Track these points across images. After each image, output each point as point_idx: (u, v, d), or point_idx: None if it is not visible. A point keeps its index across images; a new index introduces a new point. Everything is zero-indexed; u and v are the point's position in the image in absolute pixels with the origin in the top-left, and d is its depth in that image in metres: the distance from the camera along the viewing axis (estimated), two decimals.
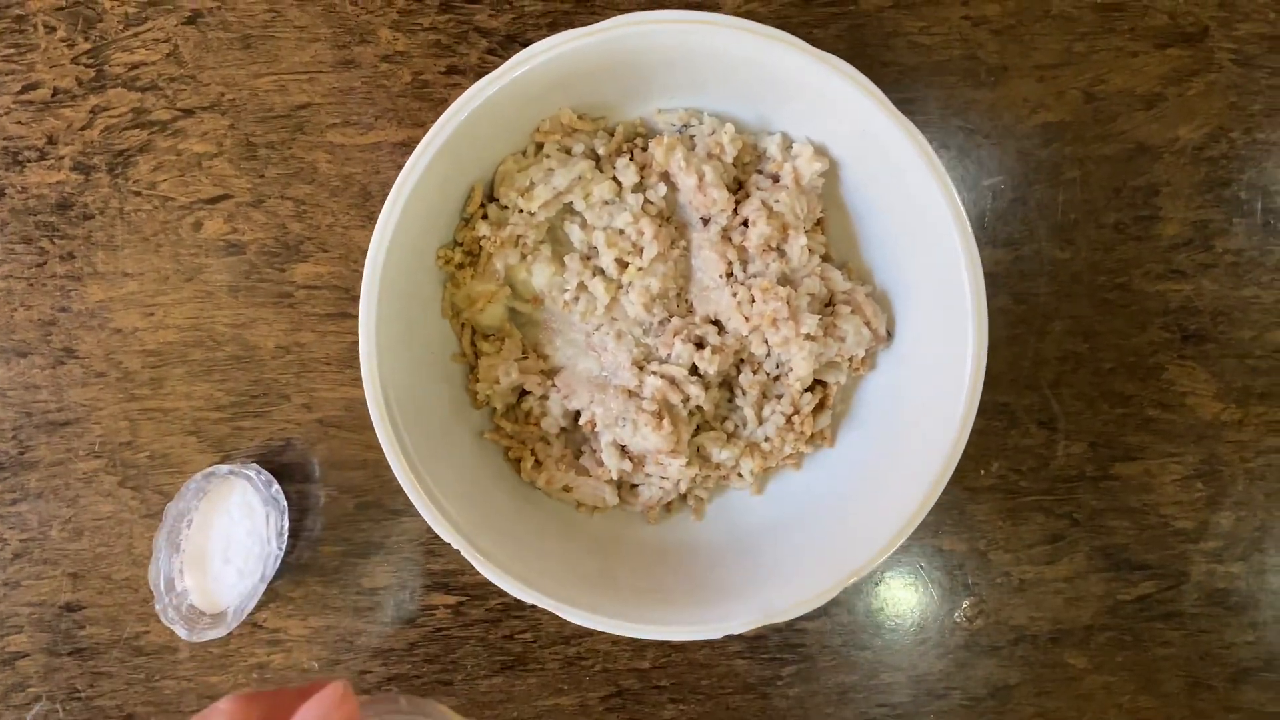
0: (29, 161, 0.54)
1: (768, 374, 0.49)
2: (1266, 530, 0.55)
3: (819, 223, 0.50)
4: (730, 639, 0.55)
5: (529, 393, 0.50)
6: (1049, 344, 0.55)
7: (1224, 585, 0.55)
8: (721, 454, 0.49)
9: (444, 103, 0.54)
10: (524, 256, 0.48)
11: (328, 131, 0.54)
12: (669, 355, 0.48)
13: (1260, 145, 0.54)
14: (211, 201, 0.54)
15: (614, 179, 0.48)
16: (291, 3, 0.54)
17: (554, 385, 0.49)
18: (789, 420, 0.49)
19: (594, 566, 0.48)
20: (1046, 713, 0.55)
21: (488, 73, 0.44)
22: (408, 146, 0.54)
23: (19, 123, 0.54)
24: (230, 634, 0.54)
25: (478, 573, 0.46)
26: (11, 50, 0.53)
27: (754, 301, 0.47)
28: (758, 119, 0.49)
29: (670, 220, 0.49)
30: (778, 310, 0.47)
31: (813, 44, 0.43)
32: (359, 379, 0.54)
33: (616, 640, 0.55)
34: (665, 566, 0.49)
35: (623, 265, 0.48)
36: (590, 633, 0.54)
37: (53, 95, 0.54)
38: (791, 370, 0.48)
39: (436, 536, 0.44)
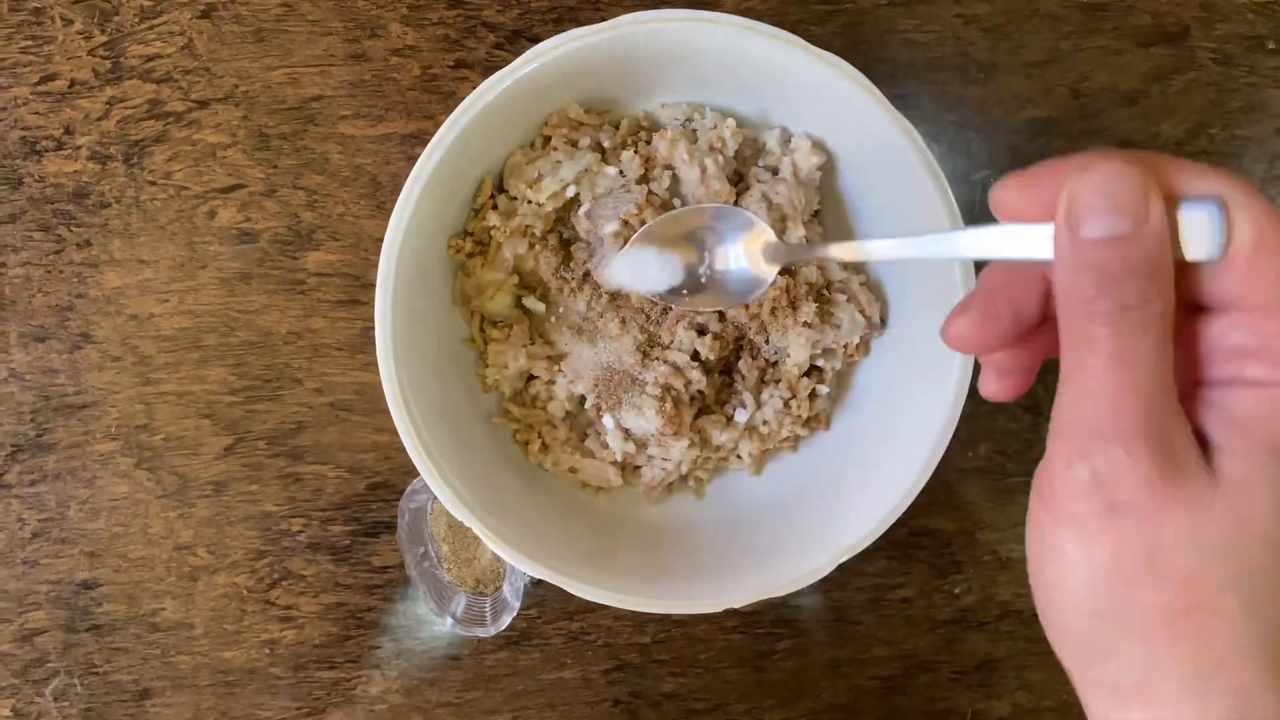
0: (46, 151, 0.55)
1: (766, 360, 0.51)
2: None
3: (816, 214, 0.51)
4: (727, 615, 0.57)
5: (536, 378, 0.52)
6: None
7: None
8: (721, 436, 0.51)
9: (452, 96, 0.55)
10: (532, 246, 0.50)
11: (339, 123, 0.55)
12: (671, 342, 0.50)
13: (1238, 141, 0.57)
14: (225, 191, 0.55)
15: (619, 171, 0.50)
16: None
17: (560, 370, 0.51)
18: (786, 404, 0.51)
19: (598, 544, 0.50)
20: (1030, 685, 0.58)
21: (495, 67, 0.45)
22: (417, 138, 0.55)
23: (37, 113, 0.55)
24: (244, 610, 0.55)
25: None
26: (29, 42, 0.55)
27: None
28: (758, 113, 0.50)
29: None
30: (776, 298, 0.49)
31: (810, 40, 0.45)
32: (370, 364, 0.55)
33: (618, 615, 0.57)
34: (667, 544, 0.51)
35: None
36: (593, 609, 0.56)
37: (70, 86, 0.55)
38: (789, 356, 0.50)
39: None
